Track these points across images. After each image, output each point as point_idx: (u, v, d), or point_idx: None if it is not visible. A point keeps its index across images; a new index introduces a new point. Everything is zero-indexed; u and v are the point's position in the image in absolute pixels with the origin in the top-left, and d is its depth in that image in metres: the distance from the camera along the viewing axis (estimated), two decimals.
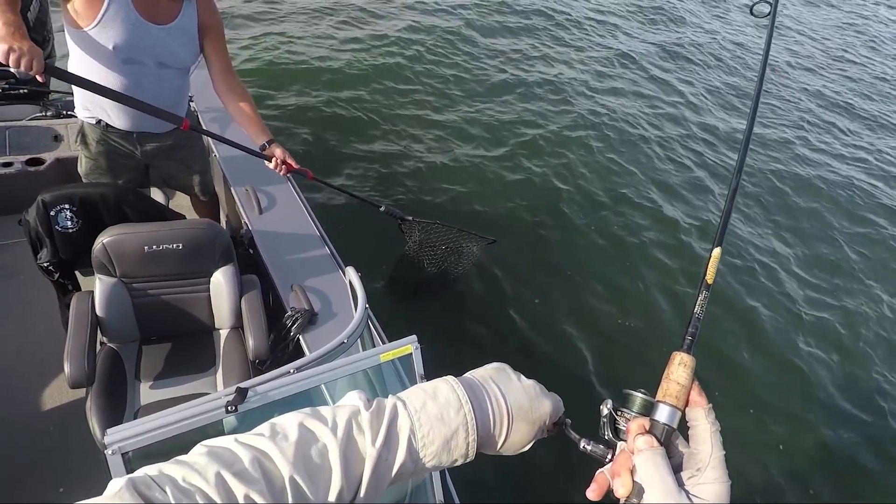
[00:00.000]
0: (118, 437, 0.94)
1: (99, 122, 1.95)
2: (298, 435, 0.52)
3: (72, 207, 1.83)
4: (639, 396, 0.56)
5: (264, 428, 0.54)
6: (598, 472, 0.55)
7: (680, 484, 0.48)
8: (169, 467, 0.47)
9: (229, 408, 1.03)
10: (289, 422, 0.54)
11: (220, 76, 2.02)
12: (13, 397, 2.01)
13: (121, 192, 1.90)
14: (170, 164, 2.19)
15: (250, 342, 1.85)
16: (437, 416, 0.55)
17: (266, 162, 2.06)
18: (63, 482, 1.84)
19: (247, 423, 1.33)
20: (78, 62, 1.78)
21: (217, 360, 1.98)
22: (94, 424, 1.65)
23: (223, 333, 2.04)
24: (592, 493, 0.53)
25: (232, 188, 2.44)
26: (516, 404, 0.59)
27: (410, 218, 2.80)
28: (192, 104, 2.67)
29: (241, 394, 1.04)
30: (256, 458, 0.49)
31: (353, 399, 0.58)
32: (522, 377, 0.63)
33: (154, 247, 1.77)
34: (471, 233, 3.06)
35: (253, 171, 2.42)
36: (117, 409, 1.74)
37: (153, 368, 1.91)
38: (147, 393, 1.84)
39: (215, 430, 1.16)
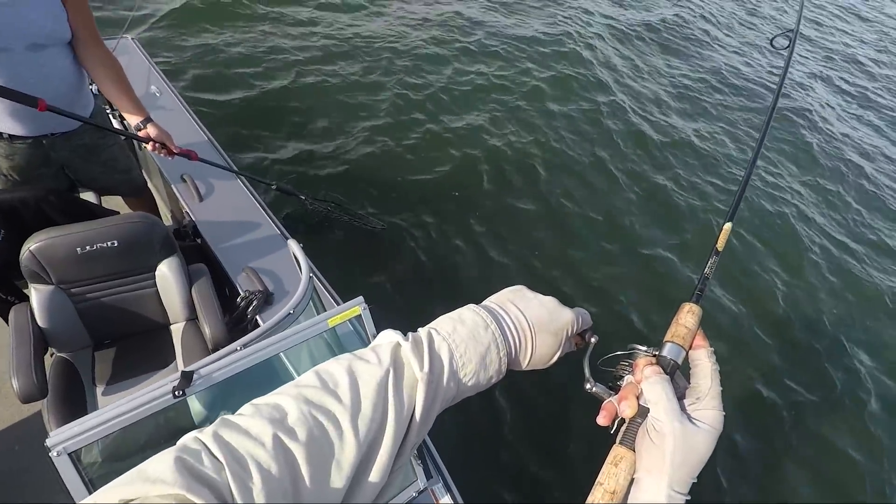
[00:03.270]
0: (63, 438, 0.92)
1: (1, 135, 1.75)
2: (349, 379, 0.52)
3: None
4: (641, 350, 0.60)
5: (311, 378, 0.53)
6: (605, 401, 0.58)
7: (682, 409, 0.53)
8: (223, 431, 0.46)
9: (176, 392, 1.02)
10: (334, 368, 0.54)
11: (82, 38, 1.72)
12: None
13: (40, 195, 1.80)
14: (89, 167, 2.00)
15: (206, 330, 1.81)
16: (470, 336, 0.57)
17: (145, 145, 1.89)
18: (41, 496, 1.81)
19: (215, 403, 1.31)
20: None
21: (176, 355, 1.94)
22: None
23: (179, 327, 2.00)
24: (602, 419, 0.56)
25: (170, 180, 2.34)
26: (536, 318, 0.61)
27: (304, 197, 2.89)
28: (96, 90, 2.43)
29: (187, 377, 1.03)
30: (310, 412, 0.49)
31: (390, 336, 0.59)
32: (539, 295, 0.65)
33: (87, 247, 1.70)
34: (363, 219, 3.26)
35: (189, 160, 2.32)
36: (77, 417, 1.70)
37: (110, 372, 1.86)
38: (106, 398, 1.79)
39: (176, 414, 1.14)
